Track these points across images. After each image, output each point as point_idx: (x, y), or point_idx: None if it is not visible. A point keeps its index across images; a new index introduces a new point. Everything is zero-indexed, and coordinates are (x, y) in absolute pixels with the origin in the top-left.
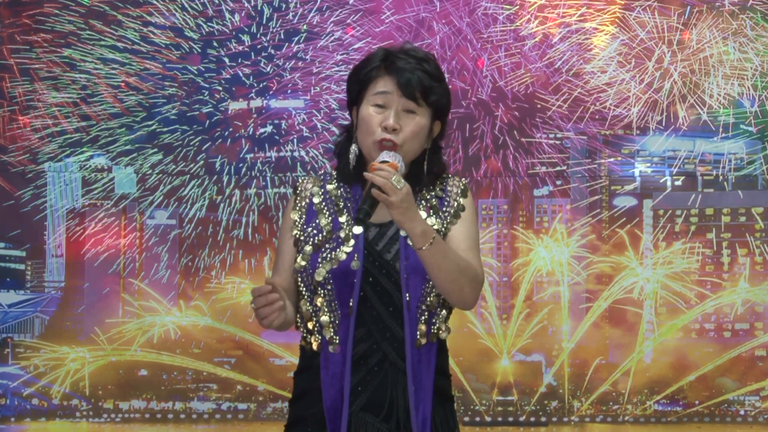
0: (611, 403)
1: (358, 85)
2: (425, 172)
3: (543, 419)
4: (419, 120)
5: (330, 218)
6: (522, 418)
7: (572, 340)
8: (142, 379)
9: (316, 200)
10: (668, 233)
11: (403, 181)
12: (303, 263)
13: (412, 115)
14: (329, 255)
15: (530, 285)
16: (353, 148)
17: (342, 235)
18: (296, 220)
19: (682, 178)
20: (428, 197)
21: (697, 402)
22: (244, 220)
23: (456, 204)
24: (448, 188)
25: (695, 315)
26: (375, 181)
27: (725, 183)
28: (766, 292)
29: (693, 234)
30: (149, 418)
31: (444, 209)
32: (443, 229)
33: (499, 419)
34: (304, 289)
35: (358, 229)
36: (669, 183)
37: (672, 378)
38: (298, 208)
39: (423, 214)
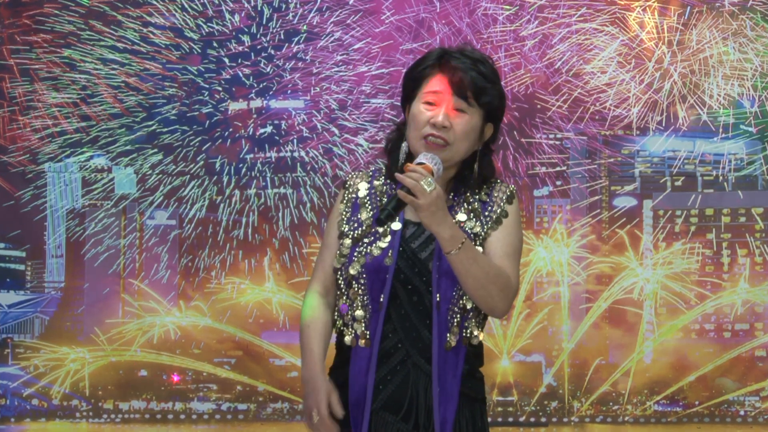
0: (611, 404)
1: (412, 83)
2: (474, 174)
3: (543, 419)
4: (470, 119)
5: (371, 212)
6: (522, 419)
7: (572, 341)
8: (142, 380)
9: (361, 194)
10: (668, 233)
11: (434, 183)
12: (342, 257)
13: (463, 114)
14: (365, 249)
15: (530, 285)
16: (404, 146)
17: (380, 230)
18: (342, 215)
19: (682, 178)
20: (471, 200)
21: (697, 402)
22: (244, 220)
23: (499, 210)
24: (494, 193)
25: (695, 315)
26: (405, 183)
27: (725, 183)
28: (766, 292)
29: (693, 234)
30: (149, 418)
31: (486, 214)
32: (483, 233)
33: (499, 419)
34: (342, 281)
35: (396, 225)
36: (669, 183)
37: (672, 378)
38: (345, 202)
39: (463, 216)
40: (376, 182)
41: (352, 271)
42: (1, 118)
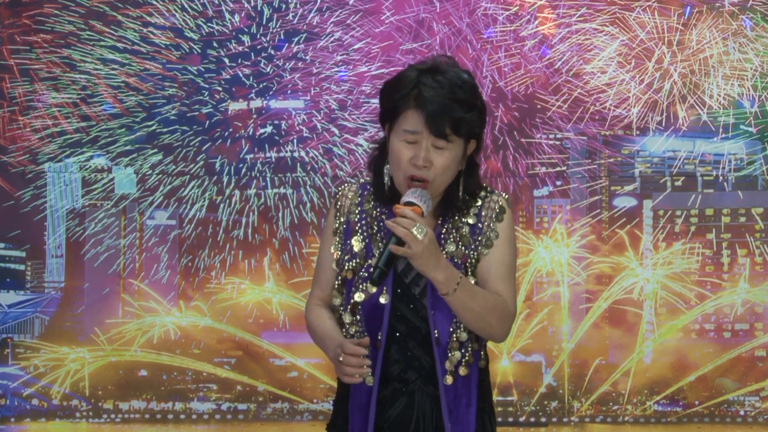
0: (611, 404)
1: (389, 108)
2: (460, 196)
3: (543, 419)
4: (449, 154)
5: (363, 243)
6: (522, 419)
7: (572, 341)
8: (142, 380)
9: (352, 218)
10: (668, 234)
11: (425, 229)
12: (339, 294)
13: (442, 151)
14: (361, 285)
15: (530, 285)
16: (386, 170)
17: (374, 263)
18: (336, 237)
19: (682, 178)
20: (460, 225)
21: (697, 402)
22: (244, 220)
23: (489, 232)
24: (483, 212)
25: (695, 315)
26: (395, 232)
27: (725, 183)
28: (766, 292)
29: (693, 234)
30: (149, 418)
31: (476, 238)
32: (473, 260)
33: (499, 419)
34: (341, 316)
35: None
36: (669, 183)
37: (672, 378)
38: (338, 223)
39: (452, 247)
40: (366, 206)
41: (350, 308)
42: (1, 118)
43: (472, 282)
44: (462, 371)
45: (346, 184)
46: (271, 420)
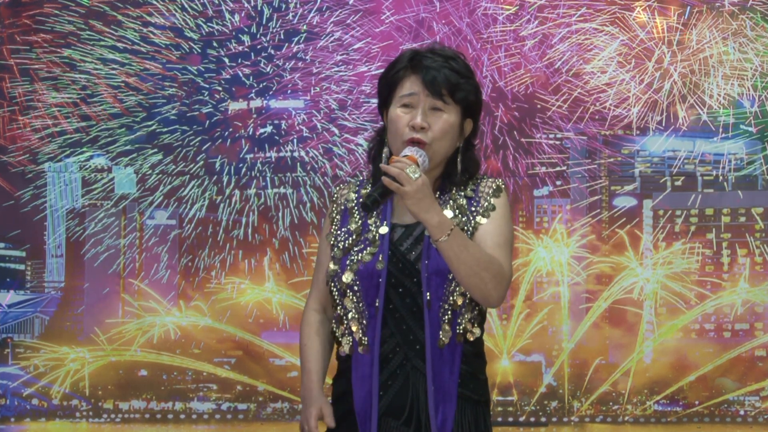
0: (611, 404)
1: (387, 88)
2: (458, 171)
3: (543, 419)
4: (447, 118)
5: (360, 221)
6: (522, 419)
7: (572, 341)
8: (142, 380)
9: (349, 205)
10: (668, 233)
11: (419, 172)
12: (334, 267)
13: (440, 113)
14: (357, 257)
15: (530, 285)
16: (385, 150)
17: (369, 236)
18: (332, 229)
19: (682, 178)
20: (457, 197)
21: (697, 402)
22: (244, 220)
23: (486, 204)
24: (480, 188)
25: (695, 315)
26: (390, 172)
27: (725, 183)
28: (766, 292)
29: (693, 234)
30: (149, 418)
31: (473, 209)
32: (470, 228)
33: (499, 419)
34: (336, 291)
35: (383, 230)
36: (669, 183)
37: (672, 378)
38: (334, 215)
39: (449, 213)
40: (363, 191)
41: (345, 280)
42: (1, 118)
43: None
44: (453, 339)
45: (342, 184)
46: (271, 420)
